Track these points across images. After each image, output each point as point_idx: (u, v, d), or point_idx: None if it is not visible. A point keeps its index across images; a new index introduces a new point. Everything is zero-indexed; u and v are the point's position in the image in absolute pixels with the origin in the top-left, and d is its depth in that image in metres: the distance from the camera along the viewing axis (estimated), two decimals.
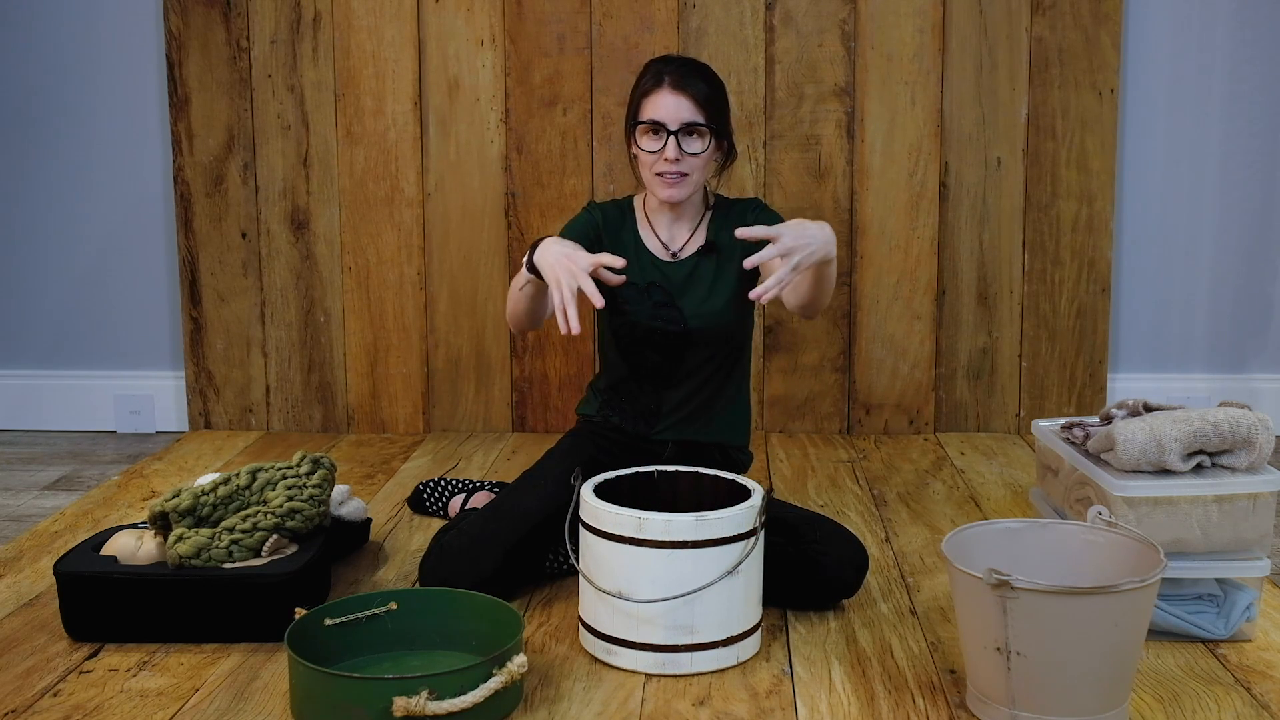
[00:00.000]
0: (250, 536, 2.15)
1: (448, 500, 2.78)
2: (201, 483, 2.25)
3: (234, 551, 2.13)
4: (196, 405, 3.53)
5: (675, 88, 2.30)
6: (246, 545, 2.14)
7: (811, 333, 3.42)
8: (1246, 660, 2.02)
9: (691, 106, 2.29)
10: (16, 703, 1.90)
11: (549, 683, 1.96)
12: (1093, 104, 3.32)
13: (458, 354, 3.48)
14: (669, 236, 2.42)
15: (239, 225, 3.45)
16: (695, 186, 2.35)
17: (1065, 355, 3.43)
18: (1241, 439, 2.06)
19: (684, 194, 2.33)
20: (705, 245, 2.40)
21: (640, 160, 2.35)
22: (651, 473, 2.20)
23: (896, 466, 3.15)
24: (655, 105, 2.30)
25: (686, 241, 2.41)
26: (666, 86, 2.30)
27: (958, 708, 1.87)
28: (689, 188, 2.33)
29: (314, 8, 3.36)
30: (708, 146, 2.32)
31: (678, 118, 2.29)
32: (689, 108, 2.29)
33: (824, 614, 2.22)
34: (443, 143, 3.40)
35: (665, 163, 2.30)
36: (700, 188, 2.38)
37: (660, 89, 2.31)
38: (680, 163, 2.30)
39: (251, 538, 2.15)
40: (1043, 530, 1.98)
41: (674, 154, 2.29)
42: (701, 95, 2.30)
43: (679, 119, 2.29)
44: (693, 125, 2.29)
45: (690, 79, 2.31)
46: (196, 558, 2.10)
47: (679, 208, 2.41)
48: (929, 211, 3.37)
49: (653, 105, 2.31)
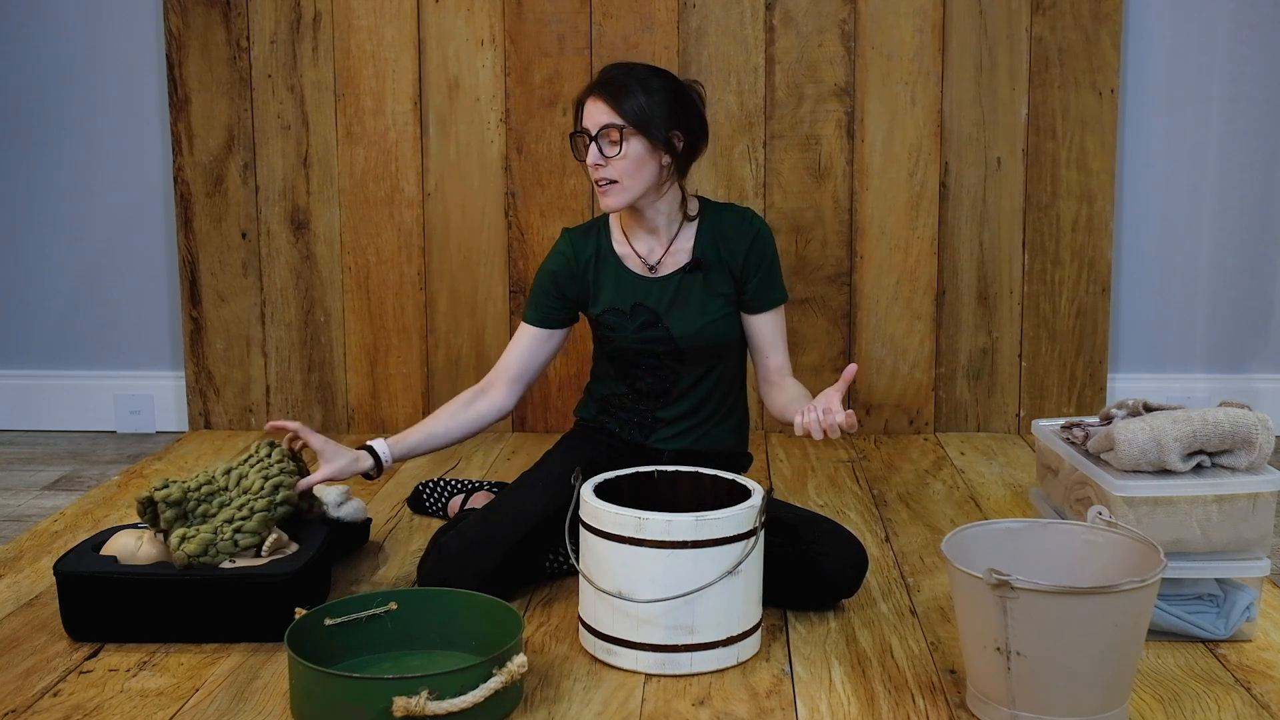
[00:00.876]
0: (250, 520, 2.15)
1: (447, 500, 2.78)
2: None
3: (238, 540, 2.13)
4: (196, 405, 3.53)
5: (593, 94, 2.28)
6: (249, 530, 2.14)
7: (811, 333, 3.42)
8: (1246, 660, 2.02)
9: (607, 109, 2.25)
10: (16, 703, 1.90)
11: (549, 683, 1.96)
12: (1093, 104, 3.32)
13: (458, 354, 3.48)
14: (647, 250, 2.37)
15: (239, 225, 3.45)
16: (632, 194, 2.27)
17: (1065, 355, 3.43)
18: (1241, 439, 2.06)
19: (617, 202, 2.27)
20: (692, 262, 2.34)
21: None
22: (651, 473, 2.20)
23: (896, 466, 3.15)
24: (582, 114, 2.30)
25: (665, 254, 2.35)
26: (590, 95, 2.29)
27: (958, 708, 1.87)
28: (623, 194, 2.26)
29: (314, 8, 3.36)
30: (626, 149, 2.24)
31: (595, 122, 2.26)
32: (604, 110, 2.25)
33: (824, 614, 2.22)
34: (443, 143, 3.40)
35: (593, 169, 2.27)
36: (646, 194, 2.30)
37: (586, 99, 2.30)
38: (605, 168, 2.25)
39: (251, 521, 2.15)
40: (1043, 530, 1.98)
41: (594, 158, 2.25)
42: (619, 99, 2.24)
43: (596, 123, 2.26)
44: (608, 127, 2.24)
45: (611, 84, 2.27)
46: (205, 555, 2.10)
47: (645, 219, 2.34)
48: (929, 211, 3.37)
49: (582, 114, 2.30)
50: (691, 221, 2.37)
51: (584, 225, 2.44)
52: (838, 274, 3.40)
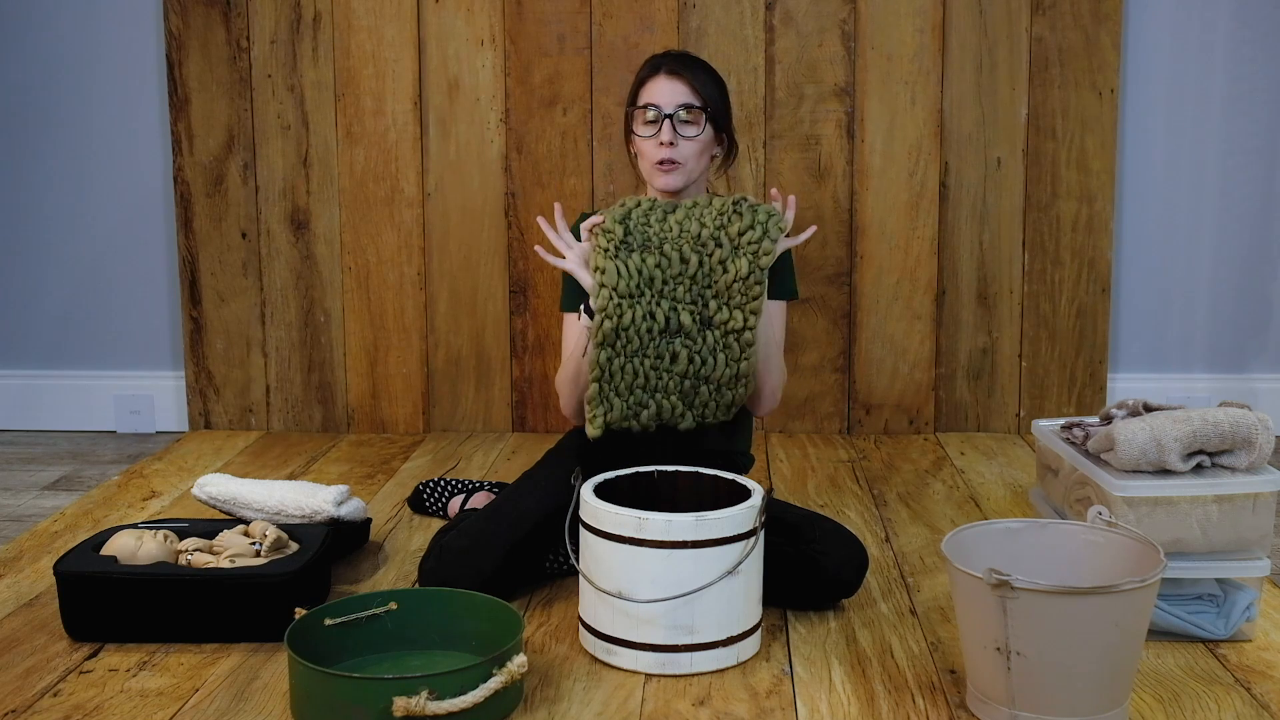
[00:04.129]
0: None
1: (447, 500, 2.78)
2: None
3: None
4: (196, 405, 3.53)
5: (671, 73, 2.33)
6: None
7: (811, 333, 3.42)
8: (1246, 660, 2.02)
9: (687, 90, 2.31)
10: (16, 703, 1.90)
11: (549, 683, 1.96)
12: (1093, 104, 3.32)
13: (458, 354, 3.48)
14: None
15: (239, 225, 3.45)
16: (690, 177, 2.34)
17: (1065, 355, 3.43)
18: (1241, 439, 2.06)
19: (678, 182, 2.33)
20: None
21: (639, 150, 2.36)
22: (651, 473, 2.20)
23: (896, 466, 3.15)
24: (651, 91, 2.33)
25: None
26: (663, 73, 2.34)
27: (958, 708, 1.87)
28: (684, 176, 2.33)
29: (314, 8, 3.36)
30: (703, 131, 2.32)
31: (673, 100, 2.31)
32: (684, 91, 2.31)
33: (824, 614, 2.22)
34: (443, 143, 3.40)
35: (661, 148, 2.30)
36: (697, 180, 2.37)
37: (657, 75, 2.34)
38: (676, 148, 2.30)
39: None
40: (1043, 530, 1.98)
41: (668, 136, 2.29)
42: (698, 81, 2.33)
43: (674, 101, 2.31)
44: (689, 107, 2.30)
45: (687, 66, 2.35)
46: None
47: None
48: (929, 211, 3.37)
49: (649, 91, 2.34)
50: None
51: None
52: (838, 274, 3.40)
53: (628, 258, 2.18)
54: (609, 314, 2.16)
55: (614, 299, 2.16)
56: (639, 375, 2.20)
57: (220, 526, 2.33)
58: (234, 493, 2.49)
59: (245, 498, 2.47)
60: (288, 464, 3.21)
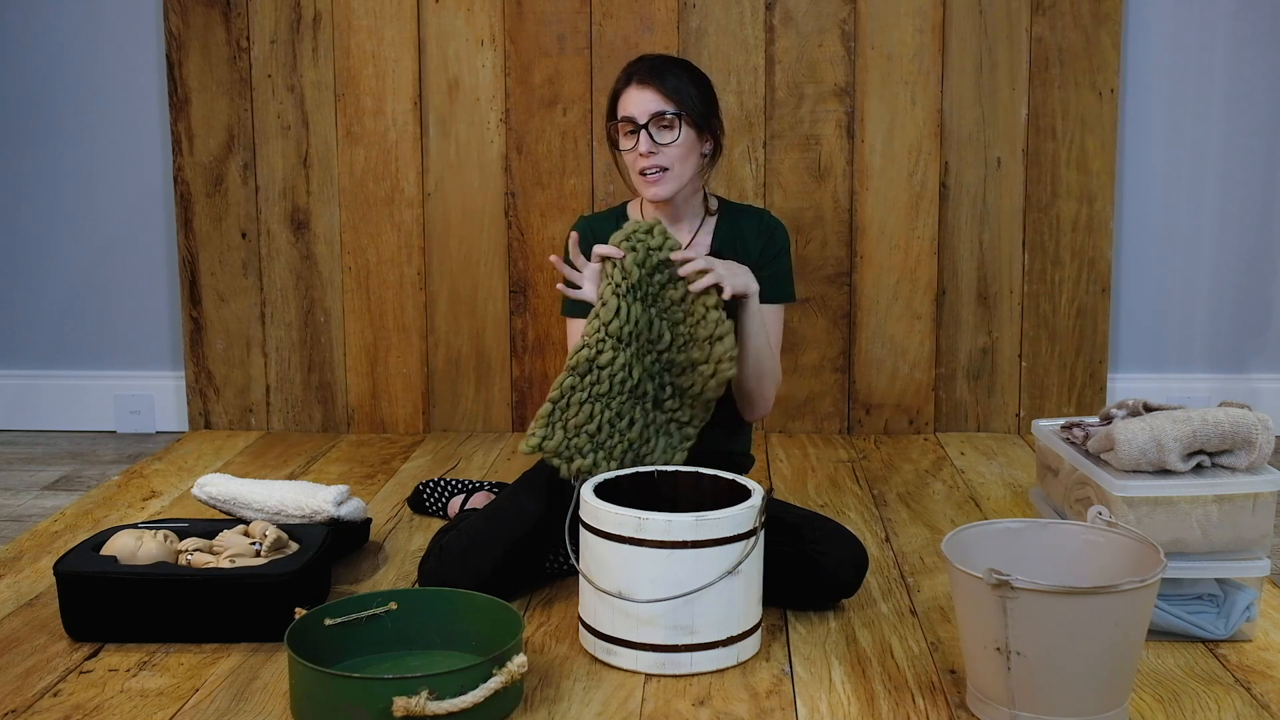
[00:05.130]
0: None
1: (447, 500, 2.78)
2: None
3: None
4: (196, 405, 3.53)
5: (641, 83, 2.31)
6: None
7: (811, 333, 3.42)
8: (1246, 660, 2.02)
9: (657, 97, 2.29)
10: (16, 703, 1.90)
11: (549, 683, 1.96)
12: (1093, 104, 3.32)
13: (458, 354, 3.48)
14: None
15: (239, 225, 3.45)
16: (680, 181, 2.32)
17: (1065, 355, 3.43)
18: (1241, 439, 2.06)
19: (668, 190, 2.32)
20: (711, 254, 2.36)
21: (624, 164, 2.36)
22: (651, 473, 2.20)
23: (896, 466, 3.15)
24: (625, 103, 2.32)
25: (687, 246, 2.38)
26: (633, 84, 2.32)
27: (958, 708, 1.87)
28: (672, 182, 2.31)
29: (314, 8, 3.36)
30: (680, 135, 2.30)
31: (645, 110, 2.29)
32: (655, 99, 2.29)
33: (824, 614, 2.22)
34: (443, 143, 3.40)
35: (643, 159, 2.30)
36: (688, 184, 2.35)
37: (628, 87, 2.33)
38: (656, 156, 2.29)
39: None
40: (1043, 530, 1.98)
41: (646, 147, 2.28)
42: (669, 86, 2.30)
43: (647, 111, 2.29)
44: (661, 114, 2.29)
45: (656, 73, 2.32)
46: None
47: (675, 210, 2.39)
48: (929, 211, 3.37)
49: (623, 103, 2.33)
50: (712, 216, 2.43)
51: (602, 213, 2.48)
52: (838, 274, 3.40)
53: (633, 303, 2.16)
54: (591, 345, 2.14)
55: (603, 334, 2.14)
56: (593, 421, 2.14)
57: (220, 526, 2.33)
58: (234, 493, 2.49)
59: (245, 498, 2.47)
60: (288, 464, 3.21)
